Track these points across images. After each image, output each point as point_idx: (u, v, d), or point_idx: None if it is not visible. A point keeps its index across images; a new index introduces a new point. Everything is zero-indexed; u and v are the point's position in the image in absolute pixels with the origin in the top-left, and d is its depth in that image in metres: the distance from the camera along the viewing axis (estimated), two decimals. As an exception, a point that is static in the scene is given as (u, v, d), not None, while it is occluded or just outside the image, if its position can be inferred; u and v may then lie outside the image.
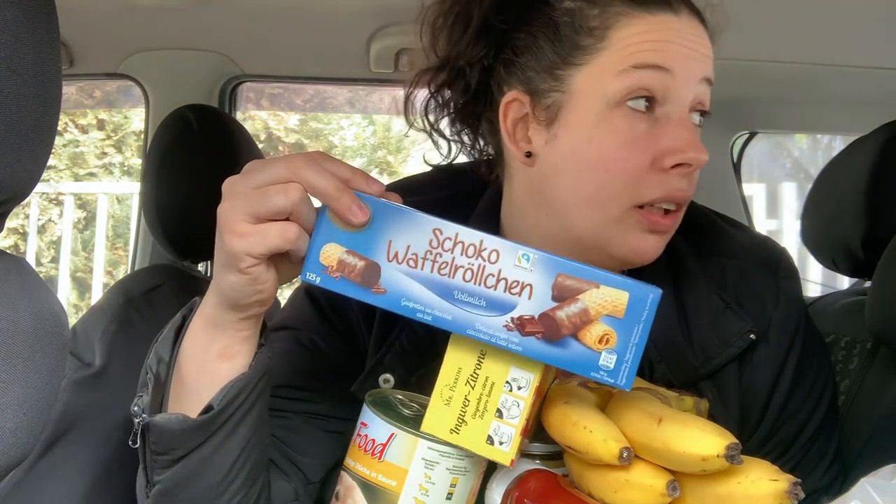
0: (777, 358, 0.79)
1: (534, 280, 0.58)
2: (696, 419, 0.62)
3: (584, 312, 0.57)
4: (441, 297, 0.59)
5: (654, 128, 0.72)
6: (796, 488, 0.57)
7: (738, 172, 1.55)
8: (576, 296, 0.57)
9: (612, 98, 0.71)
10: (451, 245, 0.59)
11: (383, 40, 1.34)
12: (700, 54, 0.74)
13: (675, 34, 0.73)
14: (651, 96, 0.71)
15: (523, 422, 0.62)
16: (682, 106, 0.73)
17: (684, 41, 0.73)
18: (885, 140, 1.02)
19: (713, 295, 0.79)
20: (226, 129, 1.31)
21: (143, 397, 0.67)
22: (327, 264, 0.60)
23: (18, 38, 0.55)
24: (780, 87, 1.39)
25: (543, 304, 0.58)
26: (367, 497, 0.64)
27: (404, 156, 5.02)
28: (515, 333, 0.58)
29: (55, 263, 4.33)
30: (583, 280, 0.57)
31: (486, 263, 0.58)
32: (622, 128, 0.72)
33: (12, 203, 0.61)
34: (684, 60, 0.72)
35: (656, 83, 0.71)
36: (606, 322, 0.57)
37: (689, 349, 0.78)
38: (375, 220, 0.60)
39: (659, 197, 0.72)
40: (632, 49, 0.72)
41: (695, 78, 0.73)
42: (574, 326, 0.57)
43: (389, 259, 0.59)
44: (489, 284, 0.58)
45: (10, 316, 0.57)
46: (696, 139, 0.73)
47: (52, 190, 4.37)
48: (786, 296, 0.80)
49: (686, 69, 0.72)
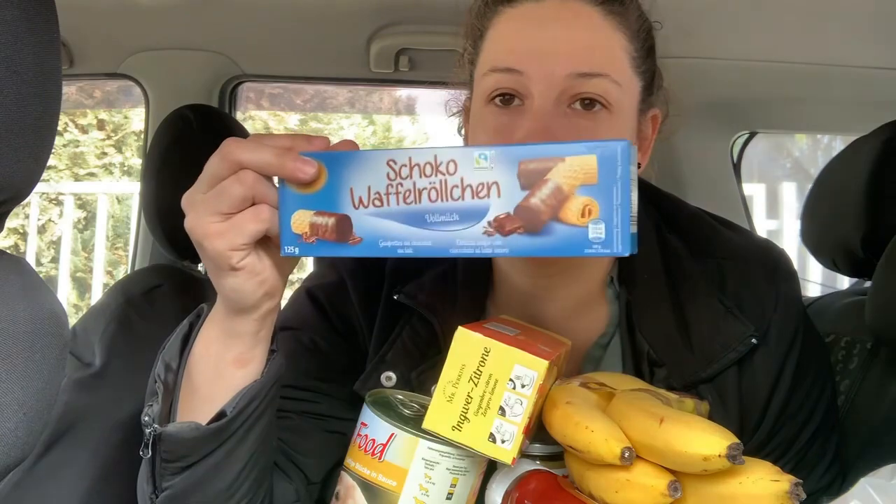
0: (776, 360, 0.79)
1: (498, 177, 0.55)
2: (697, 419, 0.62)
3: (558, 190, 0.54)
4: (415, 225, 0.57)
5: (515, 119, 0.73)
6: (797, 489, 0.57)
7: (738, 172, 1.55)
8: (544, 177, 0.54)
9: (483, 97, 0.75)
10: (408, 171, 0.56)
11: (383, 40, 1.34)
12: (561, 49, 0.72)
13: (533, 28, 0.73)
14: (510, 94, 0.73)
15: (526, 420, 0.62)
16: (539, 100, 0.72)
17: (545, 34, 0.72)
18: (885, 140, 1.02)
19: (713, 298, 0.79)
20: (226, 129, 1.31)
21: (153, 406, 0.66)
22: (300, 232, 0.59)
23: (18, 38, 0.55)
24: (780, 87, 1.39)
25: (515, 198, 0.54)
26: (368, 497, 0.64)
27: (404, 156, 5.01)
28: (497, 237, 0.55)
29: (55, 263, 4.33)
30: (546, 159, 0.54)
31: (446, 177, 0.56)
32: (489, 121, 0.75)
33: (12, 203, 0.61)
34: (538, 59, 0.72)
35: (512, 83, 0.73)
36: (584, 193, 0.53)
37: (689, 353, 0.78)
38: (331, 173, 0.58)
39: None
40: (492, 50, 0.76)
41: (552, 76, 0.71)
42: (552, 209, 0.54)
43: (356, 206, 0.58)
44: (455, 196, 0.56)
45: (10, 316, 0.57)
46: (538, 128, 0.71)
47: (52, 190, 4.37)
48: (785, 298, 0.80)
49: (539, 69, 0.71)
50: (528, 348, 0.63)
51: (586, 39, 0.73)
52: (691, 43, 1.26)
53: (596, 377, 0.72)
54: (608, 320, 0.83)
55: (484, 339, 0.63)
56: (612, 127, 0.73)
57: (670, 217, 0.86)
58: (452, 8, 0.82)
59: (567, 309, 0.82)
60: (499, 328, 0.68)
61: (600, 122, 0.72)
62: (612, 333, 0.83)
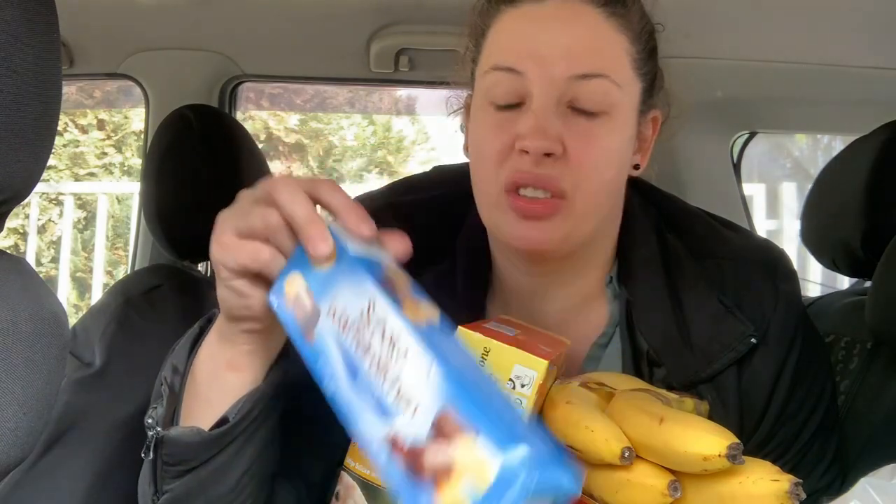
0: (776, 361, 0.79)
1: (424, 401, 0.46)
2: (697, 419, 0.62)
3: (448, 467, 0.44)
4: (349, 374, 0.51)
5: (515, 115, 0.73)
6: (797, 488, 0.57)
7: (738, 172, 1.55)
8: (450, 440, 0.44)
9: (483, 95, 0.75)
10: (374, 324, 0.51)
11: (383, 40, 1.34)
12: (561, 50, 0.72)
13: (534, 28, 0.73)
14: (511, 95, 0.73)
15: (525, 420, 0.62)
16: (539, 100, 0.72)
17: (545, 36, 0.72)
18: (885, 140, 1.02)
19: (713, 298, 0.79)
20: (226, 129, 1.31)
21: (158, 409, 0.67)
22: (288, 293, 0.57)
23: (18, 38, 0.55)
24: (780, 87, 1.39)
25: (420, 433, 0.46)
26: (368, 497, 0.64)
27: (404, 156, 5.02)
28: (385, 452, 0.47)
29: (55, 263, 4.33)
30: (465, 423, 0.44)
31: (393, 360, 0.49)
32: (489, 119, 0.75)
33: (12, 203, 0.61)
34: (538, 61, 0.72)
35: (512, 83, 0.73)
36: (466, 490, 0.43)
37: (689, 352, 0.78)
38: (339, 266, 0.55)
39: (513, 175, 0.73)
40: (493, 49, 0.76)
41: (552, 78, 0.71)
42: (434, 479, 0.44)
43: (328, 312, 0.54)
44: (385, 385, 0.49)
45: (10, 316, 0.57)
46: (537, 128, 0.71)
47: (52, 190, 4.37)
48: (784, 298, 0.80)
49: (539, 70, 0.72)
50: (528, 348, 0.63)
51: (587, 40, 0.73)
52: (691, 43, 1.26)
53: (595, 377, 0.72)
54: (608, 320, 0.83)
55: (484, 338, 0.63)
56: (612, 129, 0.73)
57: (670, 217, 0.86)
58: (452, 8, 0.82)
59: (566, 308, 0.83)
60: (498, 328, 0.68)
61: (599, 123, 0.73)
62: (612, 333, 0.83)
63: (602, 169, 0.74)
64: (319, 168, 4.92)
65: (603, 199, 0.76)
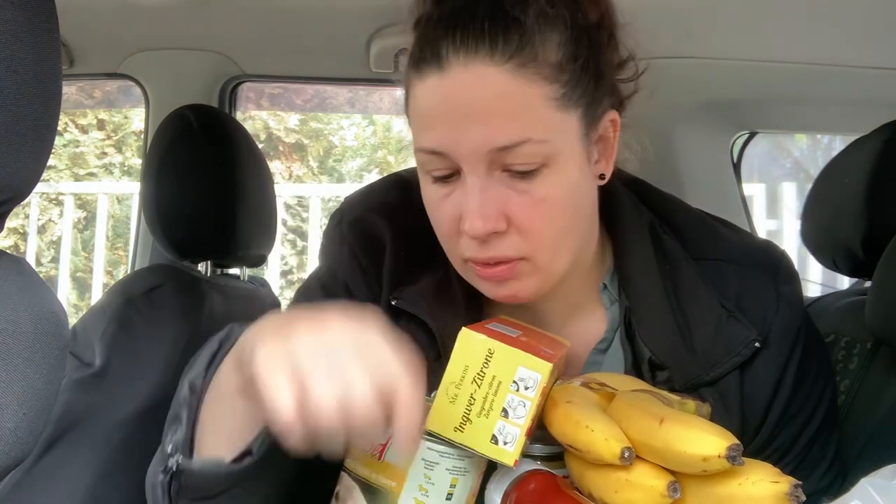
0: (778, 363, 0.79)
1: None
2: (697, 420, 0.62)
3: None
4: None
5: (453, 193, 0.71)
6: (797, 490, 0.57)
7: (738, 172, 1.55)
8: None
9: (421, 167, 0.74)
10: None
11: (383, 40, 1.33)
12: (474, 126, 0.67)
13: (443, 106, 0.69)
14: (444, 170, 0.71)
15: (529, 422, 0.62)
16: (470, 177, 0.69)
17: (455, 113, 0.68)
18: (885, 140, 1.02)
19: (714, 302, 0.79)
20: (226, 129, 1.31)
21: (178, 433, 0.65)
22: None
23: (18, 38, 0.55)
24: (780, 87, 1.39)
25: None
26: (367, 497, 0.64)
27: (405, 156, 5.02)
28: None
29: (55, 263, 4.33)
30: None
31: None
32: (430, 192, 0.74)
33: (12, 203, 0.61)
34: (455, 141, 0.68)
35: (442, 162, 0.70)
36: None
37: (691, 357, 0.77)
38: None
39: (468, 257, 0.72)
40: (414, 126, 0.73)
41: (475, 153, 0.68)
42: None
43: None
44: None
45: (10, 316, 0.57)
46: (473, 209, 0.68)
47: (52, 190, 4.37)
48: (786, 301, 0.80)
49: (460, 150, 0.68)
50: (532, 350, 0.63)
51: (498, 108, 0.67)
52: (691, 43, 1.26)
53: (597, 377, 0.72)
54: (606, 325, 0.82)
55: (488, 340, 0.63)
56: (555, 180, 0.70)
57: (666, 217, 0.85)
58: (452, 8, 0.81)
59: (563, 315, 0.82)
60: (501, 329, 0.68)
61: (539, 179, 0.69)
62: (611, 339, 0.82)
63: (555, 221, 0.71)
64: (319, 168, 4.92)
65: (568, 241, 0.74)
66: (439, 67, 0.69)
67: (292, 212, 4.59)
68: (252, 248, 1.30)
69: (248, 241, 1.28)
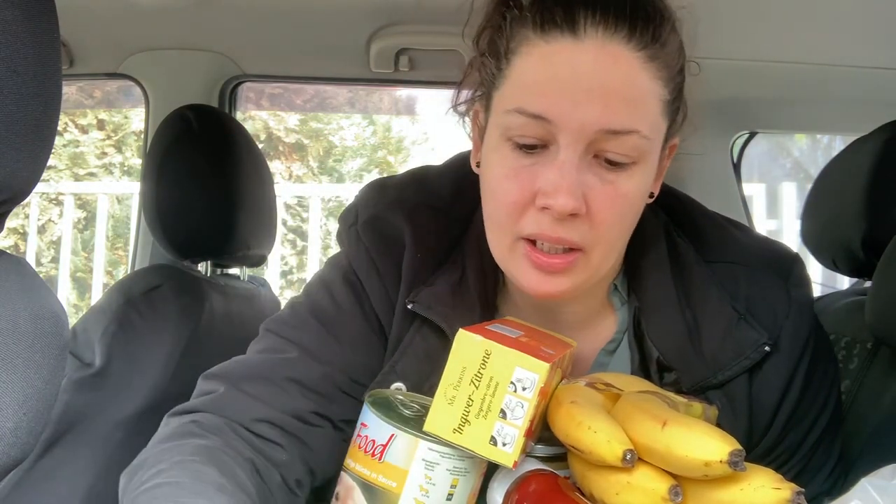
0: (787, 367, 0.78)
1: None
2: (700, 424, 0.61)
3: None
4: None
5: (536, 164, 0.69)
6: (799, 497, 0.57)
7: (738, 172, 1.55)
8: None
9: (503, 132, 0.71)
10: None
11: (383, 40, 1.33)
12: (595, 102, 0.66)
13: (569, 74, 0.67)
14: (535, 139, 0.69)
15: (527, 423, 0.62)
16: (566, 152, 0.68)
17: (581, 84, 0.67)
18: (885, 140, 1.02)
19: (725, 304, 0.78)
20: (226, 129, 1.31)
21: None
22: None
23: (18, 38, 0.55)
24: (780, 87, 1.39)
25: None
26: (367, 498, 0.64)
27: (404, 156, 5.02)
28: None
29: (55, 263, 4.33)
30: None
31: None
32: (507, 160, 0.71)
33: (12, 203, 0.60)
34: (570, 110, 0.66)
35: (539, 130, 0.68)
36: None
37: (699, 359, 0.77)
38: None
39: (533, 233, 0.70)
40: (520, 87, 0.70)
41: (583, 129, 0.67)
42: None
43: None
44: None
45: (10, 316, 0.57)
46: (565, 186, 0.67)
47: (52, 190, 4.37)
48: (797, 305, 0.79)
49: (571, 121, 0.67)
50: (530, 351, 0.63)
51: (623, 90, 0.67)
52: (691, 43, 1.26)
53: (603, 378, 0.72)
54: (616, 327, 0.82)
55: (485, 341, 0.63)
56: (636, 179, 0.70)
57: (680, 219, 0.84)
58: (452, 8, 0.81)
59: (578, 320, 0.82)
60: (501, 330, 0.67)
61: (626, 175, 0.70)
62: (620, 339, 0.82)
63: (624, 220, 0.72)
64: (319, 168, 4.92)
65: (621, 243, 0.74)
66: (574, 35, 0.67)
67: (292, 212, 4.59)
68: (252, 248, 1.30)
69: (247, 241, 1.28)
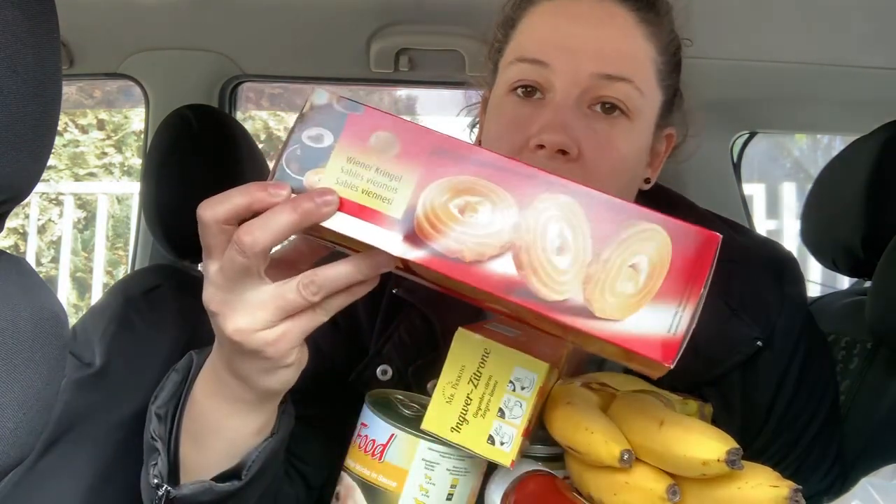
0: (780, 364, 0.78)
1: None
2: (697, 423, 0.61)
3: None
4: None
5: (534, 112, 0.73)
6: (797, 495, 0.57)
7: (738, 172, 1.55)
8: None
9: (505, 86, 0.75)
10: None
11: (383, 40, 1.33)
12: (590, 47, 0.72)
13: (566, 22, 0.73)
14: (533, 86, 0.73)
15: (525, 422, 0.62)
16: (562, 94, 0.72)
17: (576, 30, 0.72)
18: (885, 140, 1.02)
19: (718, 300, 0.78)
20: (226, 129, 1.31)
21: (158, 465, 0.64)
22: None
23: (18, 38, 0.55)
24: (780, 87, 1.39)
25: None
26: (368, 498, 0.64)
27: (404, 156, 5.01)
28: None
29: (55, 263, 4.33)
30: None
31: None
32: (508, 111, 0.75)
33: (12, 203, 0.61)
34: (566, 55, 0.72)
35: (536, 76, 0.73)
36: None
37: (692, 355, 0.77)
38: None
39: None
40: (522, 40, 0.76)
41: (578, 73, 0.71)
42: None
43: None
44: None
45: (10, 316, 0.57)
46: (557, 122, 0.70)
47: (52, 190, 4.37)
48: (790, 301, 0.80)
49: (566, 64, 0.71)
50: (529, 350, 0.63)
51: (617, 41, 0.73)
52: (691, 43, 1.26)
53: (598, 377, 0.72)
54: None
55: (484, 340, 0.63)
56: (629, 135, 0.73)
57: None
58: (452, 8, 0.82)
59: None
60: (500, 328, 0.67)
61: (618, 127, 0.72)
62: None
63: (615, 175, 0.73)
64: (319, 168, 4.92)
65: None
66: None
67: (292, 212, 4.58)
68: (252, 248, 1.30)
69: (248, 241, 1.28)
